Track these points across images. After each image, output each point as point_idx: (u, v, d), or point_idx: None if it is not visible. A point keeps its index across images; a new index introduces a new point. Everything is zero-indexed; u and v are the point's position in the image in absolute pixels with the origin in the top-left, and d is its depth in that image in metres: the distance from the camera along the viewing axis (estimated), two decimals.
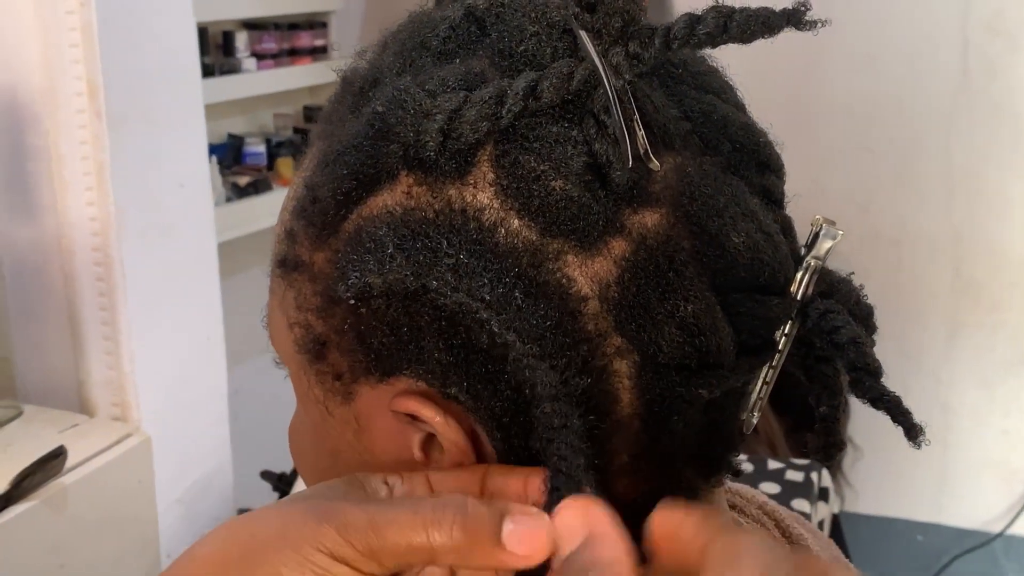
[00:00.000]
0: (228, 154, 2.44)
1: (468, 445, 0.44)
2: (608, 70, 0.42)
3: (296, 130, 2.61)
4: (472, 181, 0.42)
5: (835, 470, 2.31)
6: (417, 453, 0.45)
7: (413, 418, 0.44)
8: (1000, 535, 2.68)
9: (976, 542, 2.68)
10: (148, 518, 1.56)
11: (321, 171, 0.45)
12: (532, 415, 0.41)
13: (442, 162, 0.42)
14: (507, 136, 0.42)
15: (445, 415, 0.43)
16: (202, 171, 1.67)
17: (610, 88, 0.42)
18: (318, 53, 2.60)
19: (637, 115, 0.42)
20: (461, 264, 0.41)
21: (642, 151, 0.42)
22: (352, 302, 0.43)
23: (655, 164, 0.42)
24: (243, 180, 2.38)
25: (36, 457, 1.36)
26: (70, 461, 1.41)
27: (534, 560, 0.38)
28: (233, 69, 2.35)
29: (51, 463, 1.37)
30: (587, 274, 0.42)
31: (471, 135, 0.42)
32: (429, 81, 0.43)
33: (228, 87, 2.33)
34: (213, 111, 1.92)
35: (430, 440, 0.45)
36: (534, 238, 0.42)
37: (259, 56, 2.41)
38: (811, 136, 2.63)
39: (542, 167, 0.42)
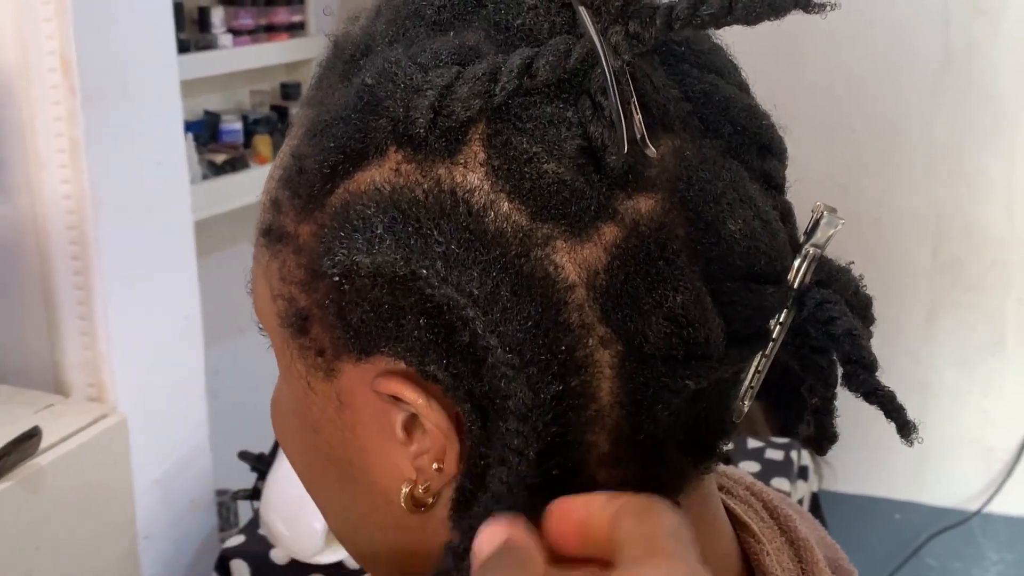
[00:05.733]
0: (204, 131, 2.41)
1: (451, 429, 0.43)
2: (607, 49, 0.40)
3: (273, 107, 2.58)
4: (462, 160, 0.41)
5: None
6: (400, 433, 0.44)
7: (396, 399, 0.43)
8: (977, 513, 2.70)
9: (954, 520, 2.70)
10: (124, 499, 1.55)
11: (308, 141, 0.44)
12: (496, 426, 0.41)
13: (432, 140, 0.41)
14: (500, 115, 0.41)
15: (428, 398, 0.42)
16: (178, 148, 1.65)
17: (608, 68, 0.40)
18: (295, 29, 2.57)
19: (635, 98, 0.41)
20: (451, 253, 0.40)
21: (639, 136, 0.41)
22: (336, 279, 0.42)
23: (651, 151, 0.41)
24: (219, 158, 2.35)
25: (11, 438, 1.35)
26: (45, 442, 1.40)
27: None
28: (209, 45, 2.32)
29: (26, 444, 1.36)
30: (576, 261, 0.41)
31: (463, 113, 0.40)
32: (421, 54, 0.42)
33: (204, 63, 2.30)
34: (189, 88, 1.90)
35: (413, 420, 0.44)
36: (524, 222, 0.41)
37: (235, 32, 2.38)
38: (792, 114, 2.56)
39: (535, 149, 0.41)
